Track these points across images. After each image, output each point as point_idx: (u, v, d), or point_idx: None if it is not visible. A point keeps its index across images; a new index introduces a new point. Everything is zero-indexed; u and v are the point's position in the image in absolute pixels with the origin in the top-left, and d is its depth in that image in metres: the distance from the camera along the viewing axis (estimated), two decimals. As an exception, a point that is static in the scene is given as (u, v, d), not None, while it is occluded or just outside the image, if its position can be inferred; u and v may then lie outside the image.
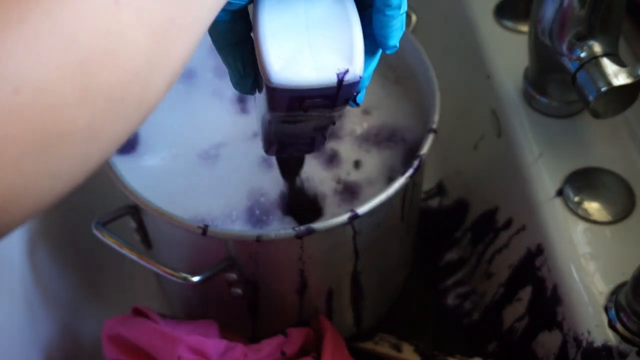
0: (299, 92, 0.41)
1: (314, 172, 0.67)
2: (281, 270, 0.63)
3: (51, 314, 0.70)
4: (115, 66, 0.29)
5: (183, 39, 0.32)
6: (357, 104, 0.45)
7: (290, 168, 0.62)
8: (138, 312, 0.64)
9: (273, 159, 0.65)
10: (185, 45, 0.32)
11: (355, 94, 0.43)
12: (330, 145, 0.68)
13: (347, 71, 0.40)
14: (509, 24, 0.76)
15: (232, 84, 0.45)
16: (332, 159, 0.67)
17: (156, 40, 0.30)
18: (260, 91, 0.45)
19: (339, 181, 0.66)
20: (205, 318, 0.65)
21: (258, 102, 0.47)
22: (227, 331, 0.66)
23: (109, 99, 0.29)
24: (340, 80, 0.40)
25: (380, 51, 0.44)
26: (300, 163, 0.62)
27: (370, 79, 0.45)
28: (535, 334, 0.65)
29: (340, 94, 0.41)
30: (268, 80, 0.40)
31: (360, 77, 0.41)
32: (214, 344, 0.60)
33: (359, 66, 0.40)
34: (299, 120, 0.46)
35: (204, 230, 0.56)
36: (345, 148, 0.68)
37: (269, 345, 0.63)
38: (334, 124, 0.48)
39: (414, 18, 0.73)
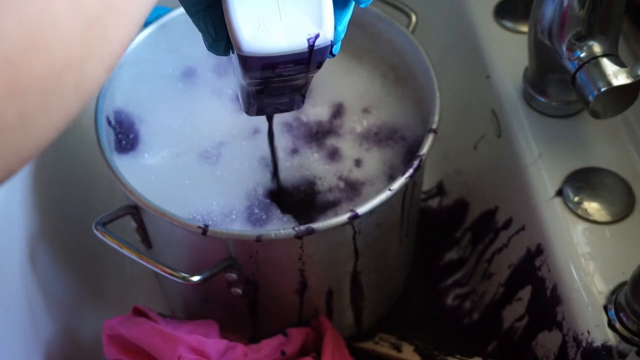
0: (270, 59, 0.41)
1: (316, 167, 0.67)
2: (281, 270, 0.63)
3: (51, 314, 0.70)
4: (45, 57, 0.28)
5: (120, 22, 0.31)
6: (334, 55, 0.45)
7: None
8: (138, 312, 0.64)
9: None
10: (123, 28, 0.32)
11: (329, 52, 0.43)
12: (331, 142, 0.68)
13: (317, 35, 0.40)
14: (508, 24, 0.76)
15: (206, 47, 0.45)
16: (334, 155, 0.67)
17: (90, 26, 0.29)
18: (234, 52, 0.45)
19: (340, 177, 0.66)
20: (205, 318, 0.65)
21: (234, 64, 0.47)
22: (227, 331, 0.66)
23: (41, 89, 0.28)
24: (311, 46, 0.40)
25: (352, 3, 0.44)
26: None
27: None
28: (535, 334, 0.65)
29: (312, 58, 0.41)
30: (239, 48, 0.40)
31: (332, 41, 0.41)
32: (214, 344, 0.60)
33: (329, 30, 0.40)
34: (274, 84, 0.46)
35: (204, 230, 0.56)
36: (346, 145, 0.68)
37: (269, 345, 0.63)
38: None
39: (414, 18, 0.73)
